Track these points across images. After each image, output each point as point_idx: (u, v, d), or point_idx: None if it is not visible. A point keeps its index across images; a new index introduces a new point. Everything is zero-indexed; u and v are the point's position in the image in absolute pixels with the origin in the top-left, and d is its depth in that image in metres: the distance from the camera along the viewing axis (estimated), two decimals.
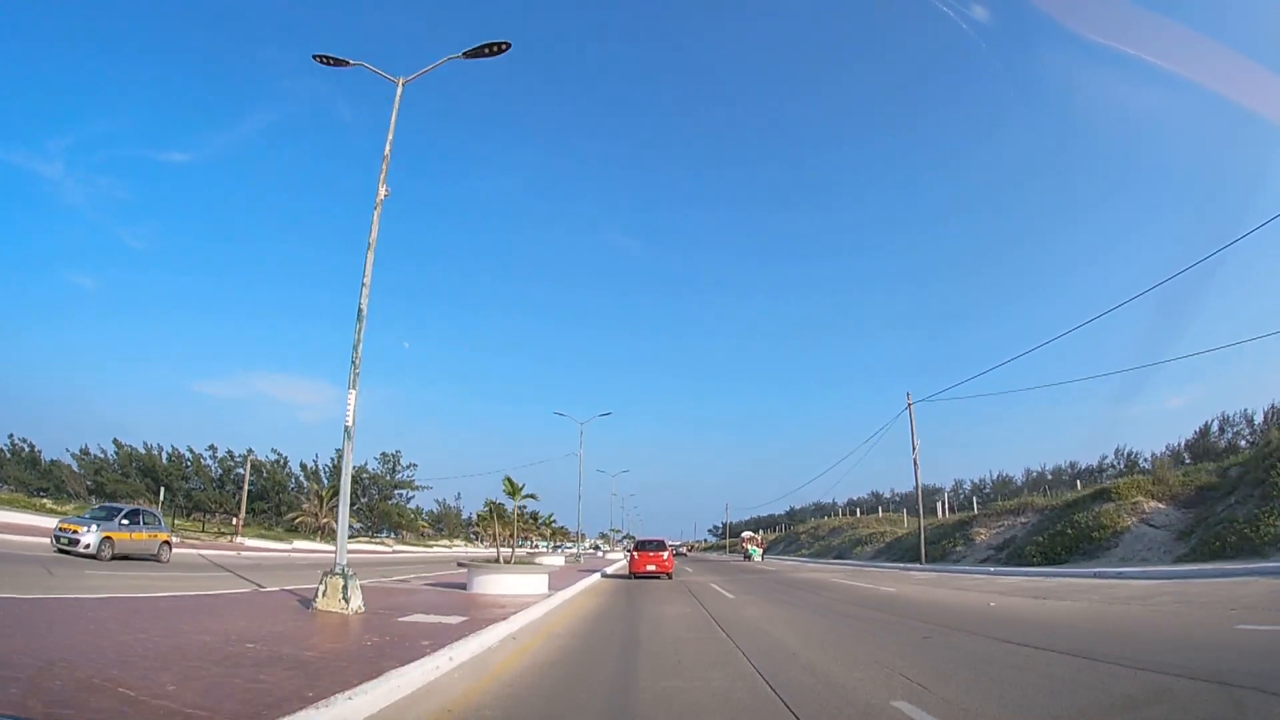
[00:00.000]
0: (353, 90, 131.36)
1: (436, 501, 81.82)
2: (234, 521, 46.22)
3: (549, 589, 13.78)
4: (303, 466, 61.24)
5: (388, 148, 11.76)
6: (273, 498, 56.67)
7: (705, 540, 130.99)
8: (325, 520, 48.96)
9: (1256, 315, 58.34)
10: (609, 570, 27.29)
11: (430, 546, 63.73)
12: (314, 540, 46.37)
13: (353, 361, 9.98)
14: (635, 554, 22.19)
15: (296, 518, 52.70)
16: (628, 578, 21.81)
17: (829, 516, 69.66)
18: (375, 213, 10.98)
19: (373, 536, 60.30)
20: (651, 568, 21.29)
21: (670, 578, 21.38)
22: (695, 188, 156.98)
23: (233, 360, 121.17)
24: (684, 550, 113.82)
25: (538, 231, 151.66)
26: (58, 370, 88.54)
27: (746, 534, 67.73)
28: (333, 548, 11.30)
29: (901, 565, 30.73)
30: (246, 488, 48.23)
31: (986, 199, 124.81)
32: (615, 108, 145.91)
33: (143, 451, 51.33)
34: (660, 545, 22.58)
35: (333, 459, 55.95)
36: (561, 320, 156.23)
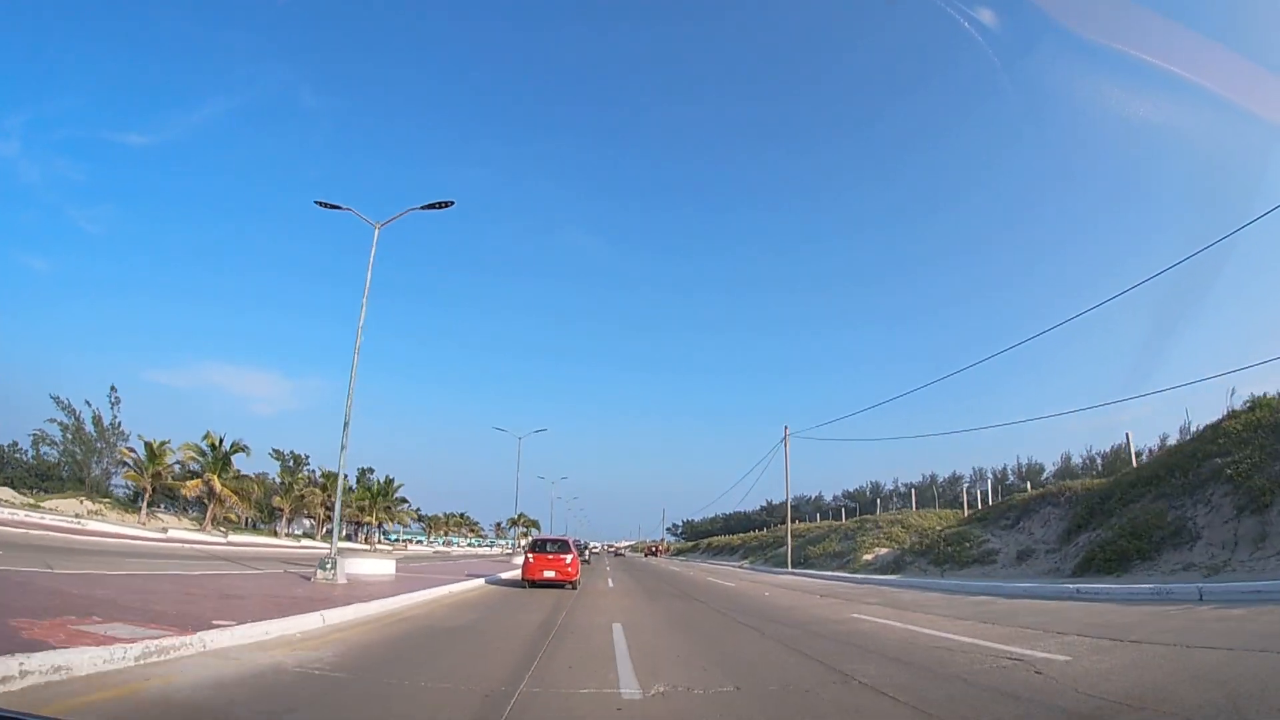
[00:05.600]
0: (316, 79, 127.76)
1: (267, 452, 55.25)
2: None
3: None
4: None
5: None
6: None
7: (668, 540, 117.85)
8: None
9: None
10: None
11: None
12: None
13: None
14: (531, 556, 18.55)
15: None
16: (520, 586, 18.55)
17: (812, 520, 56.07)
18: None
19: None
20: (551, 574, 18.04)
21: (575, 588, 17.99)
22: (666, 186, 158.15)
23: (185, 349, 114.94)
24: (624, 551, 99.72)
25: (499, 226, 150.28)
26: (6, 354, 79.38)
27: None
28: None
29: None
30: None
31: (979, 193, 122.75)
32: (588, 102, 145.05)
33: None
34: (563, 546, 19.06)
35: None
36: (543, 316, 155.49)
